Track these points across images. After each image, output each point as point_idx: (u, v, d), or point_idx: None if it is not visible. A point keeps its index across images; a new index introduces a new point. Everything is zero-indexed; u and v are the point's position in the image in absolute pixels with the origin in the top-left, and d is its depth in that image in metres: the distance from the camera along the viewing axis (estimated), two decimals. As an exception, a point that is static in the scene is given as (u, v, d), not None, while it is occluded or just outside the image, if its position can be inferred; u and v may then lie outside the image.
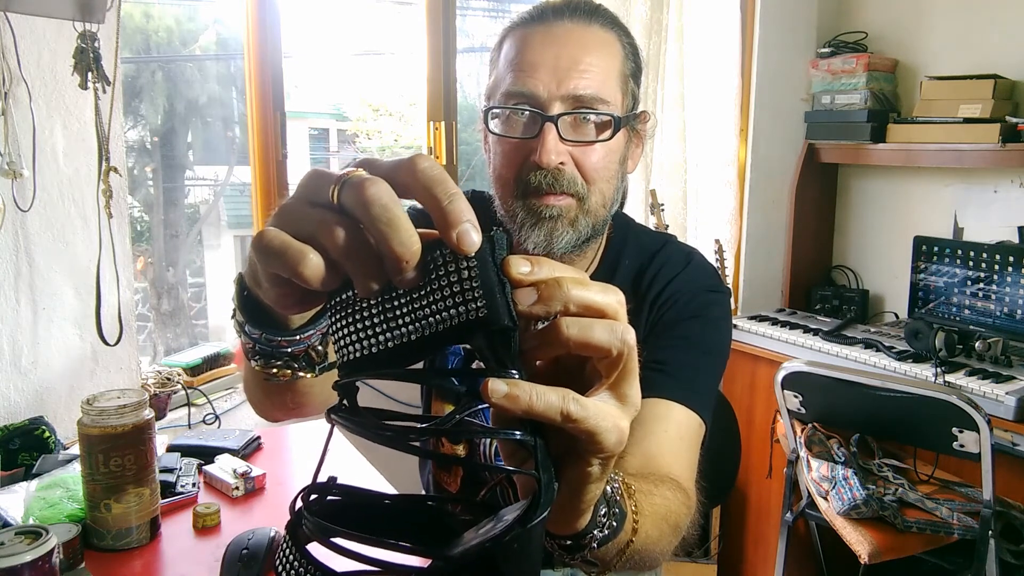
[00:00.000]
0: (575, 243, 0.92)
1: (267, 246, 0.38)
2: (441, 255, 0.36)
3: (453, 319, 0.36)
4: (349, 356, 0.39)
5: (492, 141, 0.94)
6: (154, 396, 1.63)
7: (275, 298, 0.42)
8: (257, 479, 1.27)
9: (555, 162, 0.87)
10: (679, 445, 0.86)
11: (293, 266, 0.37)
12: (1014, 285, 2.07)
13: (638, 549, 0.61)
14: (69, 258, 1.52)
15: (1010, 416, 1.77)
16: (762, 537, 2.42)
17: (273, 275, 0.40)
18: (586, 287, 0.39)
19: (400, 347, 0.37)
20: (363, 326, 0.38)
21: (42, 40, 1.43)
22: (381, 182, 0.36)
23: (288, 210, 0.39)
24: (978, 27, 2.32)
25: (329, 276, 0.38)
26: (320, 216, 0.37)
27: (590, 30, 0.90)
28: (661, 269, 0.99)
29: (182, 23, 2.59)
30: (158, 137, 2.56)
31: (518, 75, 0.88)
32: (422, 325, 0.36)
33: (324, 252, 0.37)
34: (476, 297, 0.36)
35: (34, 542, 0.85)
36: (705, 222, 2.56)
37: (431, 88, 2.22)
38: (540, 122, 0.87)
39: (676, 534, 0.73)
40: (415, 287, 0.37)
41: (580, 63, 0.87)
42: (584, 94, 0.87)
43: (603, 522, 0.52)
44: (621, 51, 0.92)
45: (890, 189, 2.59)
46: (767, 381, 2.16)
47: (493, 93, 0.92)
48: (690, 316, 0.96)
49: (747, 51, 2.54)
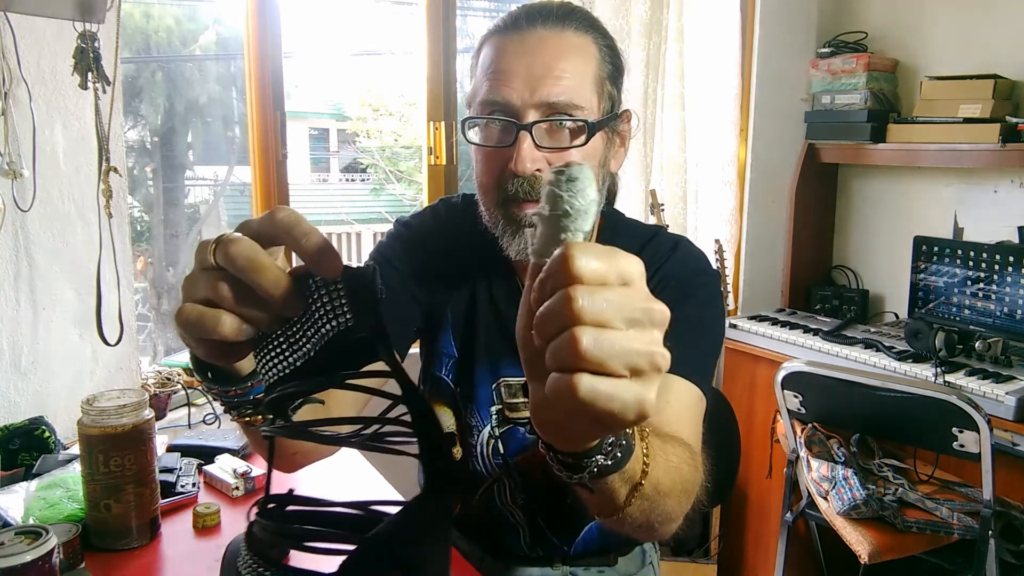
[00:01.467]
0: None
1: (186, 320, 0.45)
2: (314, 283, 0.44)
3: (330, 331, 0.43)
4: (269, 380, 0.46)
5: (473, 150, 0.95)
6: (154, 396, 1.63)
7: (206, 353, 0.48)
8: (257, 479, 1.27)
9: (531, 169, 0.88)
10: (684, 414, 0.86)
11: (212, 329, 0.44)
12: (1014, 285, 2.07)
13: (650, 494, 0.61)
14: (69, 258, 1.52)
15: (1010, 416, 1.77)
16: (762, 537, 2.42)
17: (197, 339, 0.46)
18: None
19: (307, 363, 0.44)
20: (276, 353, 0.46)
21: (42, 40, 1.43)
22: (243, 238, 0.43)
23: (189, 281, 0.46)
24: (978, 27, 2.32)
25: (244, 328, 0.45)
26: (207, 278, 0.45)
27: (563, 36, 0.91)
28: (651, 258, 1.00)
29: (182, 23, 2.59)
30: (158, 137, 2.56)
31: (493, 84, 0.89)
32: (315, 342, 0.44)
33: (221, 306, 0.44)
34: (344, 311, 0.43)
35: (34, 542, 0.85)
36: (705, 222, 2.56)
37: (431, 88, 2.22)
38: (515, 131, 0.88)
39: (687, 493, 0.72)
40: (304, 313, 0.44)
41: (553, 70, 0.88)
42: (557, 101, 0.88)
43: (608, 450, 0.52)
44: (596, 54, 0.93)
45: (890, 189, 2.59)
46: (767, 381, 2.16)
47: (472, 101, 0.94)
48: (682, 298, 0.95)
49: (747, 51, 2.54)
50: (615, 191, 1.14)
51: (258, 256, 0.43)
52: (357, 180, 5.53)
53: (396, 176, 5.22)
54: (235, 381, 0.55)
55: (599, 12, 2.20)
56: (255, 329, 0.45)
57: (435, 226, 1.08)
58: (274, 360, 0.46)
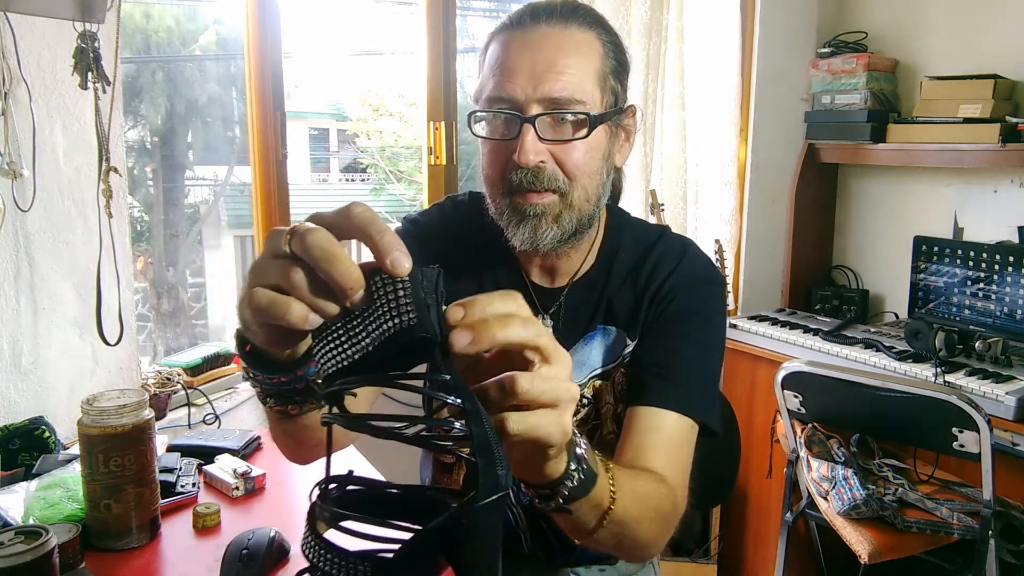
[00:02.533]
0: (560, 238, 0.95)
1: (257, 304, 0.46)
2: (381, 280, 0.45)
3: (392, 329, 0.44)
4: (327, 371, 0.47)
5: (479, 143, 0.98)
6: (154, 396, 1.63)
7: (265, 339, 0.51)
8: (257, 479, 1.27)
9: (534, 161, 0.90)
10: (670, 452, 0.89)
11: (281, 315, 0.46)
12: (1014, 285, 2.07)
13: (619, 520, 0.68)
14: (69, 258, 1.52)
15: (1010, 416, 1.77)
16: (762, 537, 2.42)
17: (263, 323, 0.49)
18: (507, 326, 0.48)
19: (365, 357, 0.46)
20: (334, 345, 0.47)
21: (42, 40, 1.43)
22: (320, 229, 0.45)
23: (258, 267, 0.48)
24: (978, 27, 2.32)
25: (311, 317, 0.46)
26: (279, 266, 0.46)
27: (567, 32, 0.93)
28: (659, 262, 1.02)
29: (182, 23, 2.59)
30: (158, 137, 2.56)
31: (498, 80, 0.92)
32: (374, 337, 0.45)
33: (291, 293, 0.46)
34: (409, 311, 0.44)
35: (34, 542, 0.85)
36: (705, 222, 2.56)
37: (431, 88, 2.22)
38: (519, 123, 0.90)
39: (662, 523, 0.78)
40: (367, 308, 0.45)
41: (556, 65, 0.90)
42: (560, 96, 0.90)
43: (573, 475, 0.59)
44: (600, 50, 0.95)
45: (890, 189, 2.59)
46: (767, 381, 2.16)
47: (479, 97, 0.96)
48: (691, 312, 0.98)
49: (747, 51, 2.54)
50: (620, 187, 1.15)
51: (333, 247, 0.45)
52: (357, 180, 5.54)
53: (396, 176, 5.22)
54: (281, 370, 0.57)
55: (599, 12, 2.19)
56: (319, 319, 0.46)
57: (441, 223, 1.09)
58: (333, 351, 0.47)
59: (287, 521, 1.15)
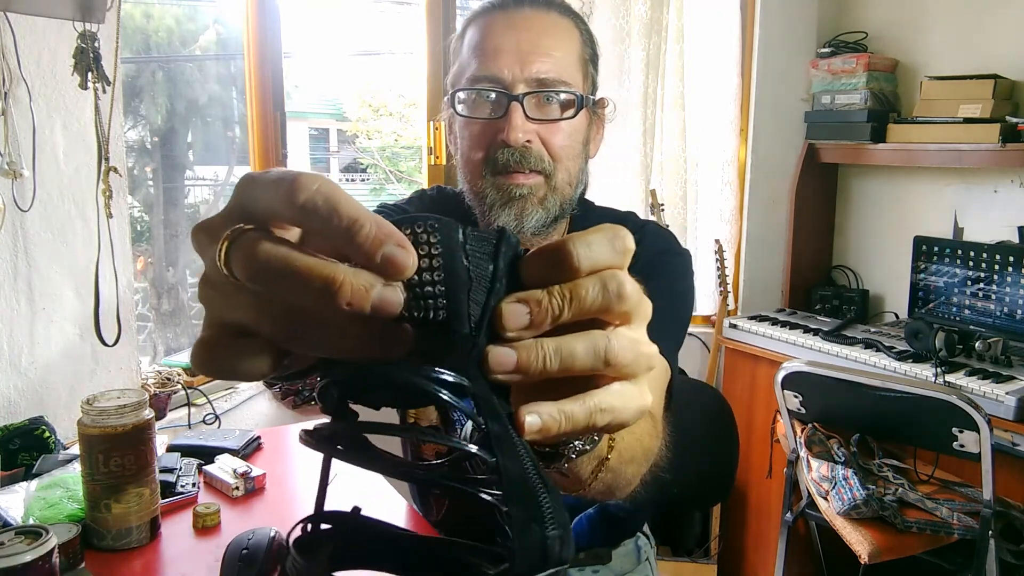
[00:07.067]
0: (545, 222, 0.94)
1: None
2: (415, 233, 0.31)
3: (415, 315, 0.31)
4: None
5: (460, 126, 0.96)
6: (154, 396, 1.63)
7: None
8: (257, 479, 1.27)
9: (522, 140, 0.90)
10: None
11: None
12: (1014, 285, 2.07)
13: (612, 467, 0.61)
14: (69, 258, 1.52)
15: (1010, 416, 1.77)
16: (762, 537, 2.42)
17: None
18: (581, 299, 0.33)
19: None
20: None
21: (42, 40, 1.43)
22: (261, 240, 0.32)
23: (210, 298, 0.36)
24: (978, 27, 2.32)
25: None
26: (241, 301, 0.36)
27: (549, 16, 0.94)
28: None
29: (182, 23, 2.59)
30: (158, 137, 2.56)
31: (483, 60, 0.91)
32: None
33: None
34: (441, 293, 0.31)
35: (34, 542, 0.85)
36: (705, 222, 2.56)
37: (431, 88, 2.22)
38: (506, 102, 0.90)
39: (647, 459, 0.72)
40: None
41: (541, 46, 0.91)
42: (547, 77, 0.90)
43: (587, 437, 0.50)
44: (579, 36, 0.96)
45: (890, 189, 2.59)
46: (767, 381, 2.16)
47: (458, 80, 0.95)
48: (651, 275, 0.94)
49: (747, 51, 2.54)
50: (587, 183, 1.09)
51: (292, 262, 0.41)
52: (357, 180, 5.53)
53: (396, 176, 5.22)
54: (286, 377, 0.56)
55: (599, 12, 2.20)
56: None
57: (422, 209, 1.09)
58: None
59: (287, 521, 1.15)
